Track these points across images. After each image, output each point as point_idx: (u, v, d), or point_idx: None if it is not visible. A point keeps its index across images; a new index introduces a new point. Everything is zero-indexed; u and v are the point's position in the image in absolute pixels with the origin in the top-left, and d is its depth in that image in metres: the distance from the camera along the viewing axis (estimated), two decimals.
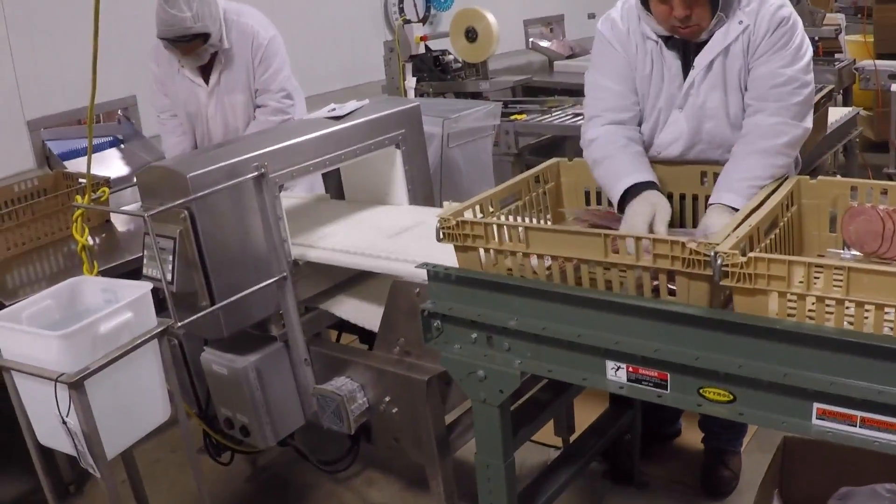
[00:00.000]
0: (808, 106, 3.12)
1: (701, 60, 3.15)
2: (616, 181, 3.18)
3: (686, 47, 3.19)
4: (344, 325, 4.11)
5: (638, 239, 2.56)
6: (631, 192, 3.12)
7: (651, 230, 2.96)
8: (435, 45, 7.85)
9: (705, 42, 3.15)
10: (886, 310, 2.19)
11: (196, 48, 4.62)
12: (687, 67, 3.21)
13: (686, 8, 2.99)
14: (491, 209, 3.11)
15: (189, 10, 4.45)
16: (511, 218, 3.19)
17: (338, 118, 3.99)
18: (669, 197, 3.25)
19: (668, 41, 3.20)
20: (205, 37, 4.59)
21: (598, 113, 3.36)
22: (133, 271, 3.94)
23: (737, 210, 2.87)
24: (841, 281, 2.22)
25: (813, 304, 2.29)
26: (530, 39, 10.17)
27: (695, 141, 3.26)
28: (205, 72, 4.86)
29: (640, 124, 3.36)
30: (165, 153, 5.25)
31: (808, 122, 3.11)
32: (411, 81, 7.38)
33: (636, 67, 3.29)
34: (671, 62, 3.21)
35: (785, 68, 3.05)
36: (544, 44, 10.08)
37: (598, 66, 3.40)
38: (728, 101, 3.18)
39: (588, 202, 3.41)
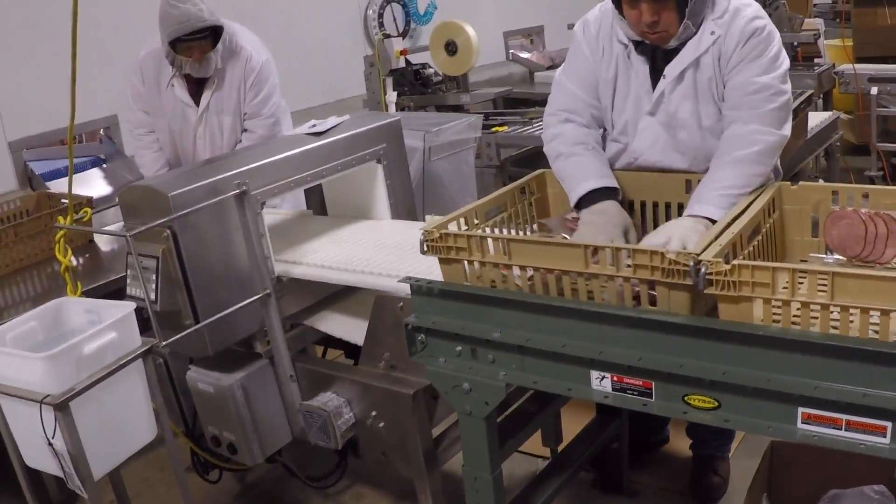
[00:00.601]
0: (785, 112, 3.11)
1: (671, 70, 3.18)
2: (582, 179, 3.23)
3: (655, 54, 3.22)
4: (329, 341, 4.11)
5: (617, 249, 2.57)
6: (592, 198, 3.18)
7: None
8: (415, 58, 7.86)
9: (675, 50, 3.17)
10: (871, 313, 2.20)
11: (206, 51, 4.61)
12: (656, 74, 3.24)
13: (653, 13, 3.03)
14: (476, 221, 3.11)
15: (202, 2, 4.49)
16: (497, 229, 3.20)
17: (319, 134, 3.99)
18: (654, 206, 3.28)
19: (637, 46, 3.24)
20: (216, 34, 4.61)
21: (554, 111, 3.47)
22: (117, 291, 3.93)
23: (711, 220, 2.87)
24: (826, 286, 2.23)
25: (798, 309, 2.30)
26: (510, 51, 10.17)
27: (670, 148, 3.28)
28: (194, 92, 4.85)
29: (601, 127, 3.44)
30: (142, 168, 5.24)
31: (785, 130, 3.11)
32: (392, 96, 7.38)
33: (600, 71, 3.34)
34: (639, 68, 3.25)
35: (758, 77, 3.06)
36: (524, 55, 10.08)
37: (565, 66, 3.49)
38: (700, 111, 3.20)
39: None
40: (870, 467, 3.17)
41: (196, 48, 4.59)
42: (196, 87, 4.87)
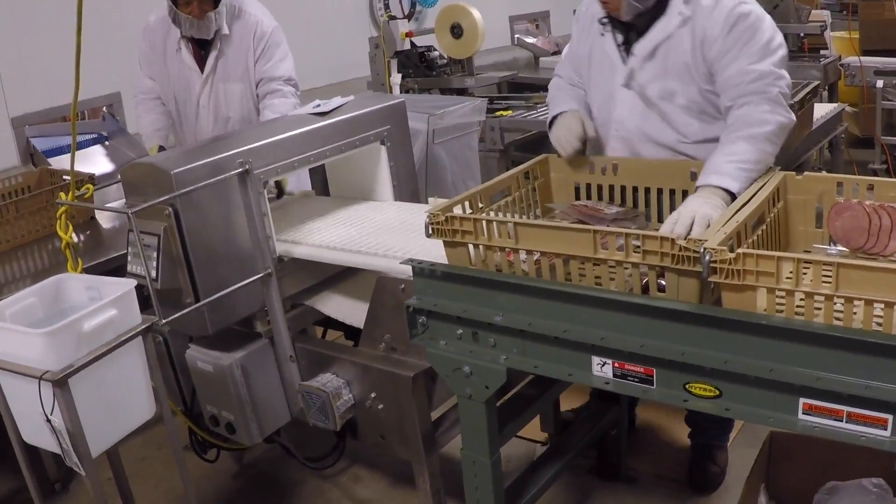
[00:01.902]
0: (788, 98, 3.15)
1: (640, 50, 3.31)
2: (554, 109, 3.61)
3: (630, 32, 3.35)
4: (329, 322, 4.10)
5: (627, 235, 2.56)
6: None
7: (580, 138, 3.39)
8: (420, 41, 7.84)
9: (648, 29, 3.30)
10: (875, 305, 2.19)
11: (207, 9, 4.57)
12: (629, 50, 3.37)
13: None
14: (480, 205, 3.11)
15: None
16: (500, 214, 3.19)
17: (322, 114, 3.97)
18: (659, 193, 3.28)
19: (613, 23, 3.38)
20: None
21: (556, 73, 3.81)
22: (118, 268, 3.92)
23: (727, 191, 2.88)
24: (830, 277, 2.22)
25: (801, 299, 2.29)
26: (516, 36, 10.17)
27: (649, 117, 3.37)
28: (200, 59, 4.83)
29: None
30: (142, 130, 5.21)
31: (791, 114, 3.14)
32: (396, 78, 7.37)
33: (582, 48, 3.57)
34: (609, 42, 3.40)
35: (755, 65, 3.10)
36: (530, 40, 10.07)
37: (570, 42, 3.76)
38: (674, 90, 3.29)
39: (578, 197, 3.41)
40: (868, 460, 3.17)
41: (195, 3, 4.56)
42: (202, 53, 4.84)
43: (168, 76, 4.94)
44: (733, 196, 2.87)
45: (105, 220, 5.08)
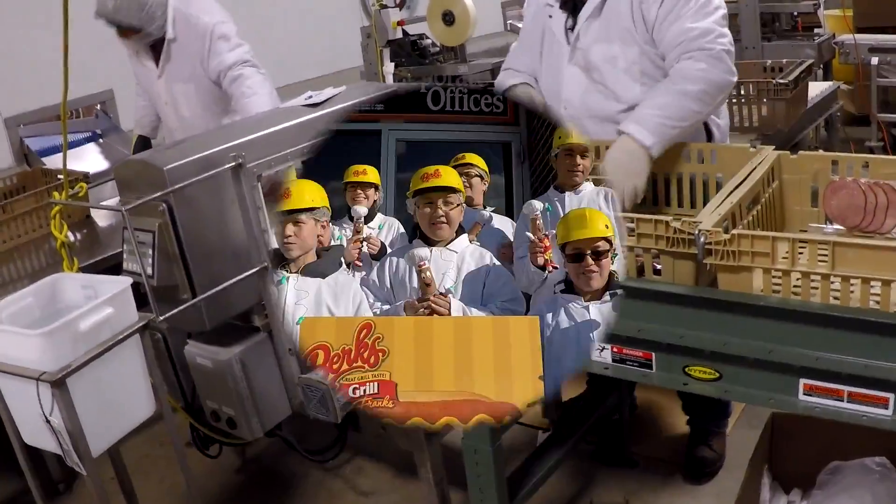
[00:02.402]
0: (731, 57, 3.19)
1: (581, 16, 3.41)
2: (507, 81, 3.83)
3: (576, 8, 3.44)
4: None
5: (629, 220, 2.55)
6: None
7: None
8: (412, 29, 7.83)
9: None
10: (872, 283, 2.18)
11: (129, 36, 4.65)
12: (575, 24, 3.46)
13: None
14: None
15: (110, 2, 4.53)
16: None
17: (315, 105, 3.96)
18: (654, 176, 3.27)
19: (561, 2, 3.49)
20: (133, 28, 4.63)
21: (505, 67, 3.95)
22: (115, 266, 3.91)
23: (642, 144, 2.99)
24: (826, 256, 2.21)
25: (798, 279, 2.29)
26: (508, 22, 10.12)
27: (594, 92, 3.45)
28: (157, 58, 4.88)
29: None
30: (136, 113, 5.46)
31: (733, 75, 3.20)
32: (389, 67, 7.36)
33: (535, 32, 3.69)
34: (559, 23, 3.49)
35: (696, 23, 3.16)
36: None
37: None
38: (616, 54, 3.36)
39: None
40: (871, 439, 3.17)
41: (119, 33, 4.66)
42: (158, 52, 4.92)
43: (138, 73, 5.12)
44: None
45: (101, 218, 5.07)
